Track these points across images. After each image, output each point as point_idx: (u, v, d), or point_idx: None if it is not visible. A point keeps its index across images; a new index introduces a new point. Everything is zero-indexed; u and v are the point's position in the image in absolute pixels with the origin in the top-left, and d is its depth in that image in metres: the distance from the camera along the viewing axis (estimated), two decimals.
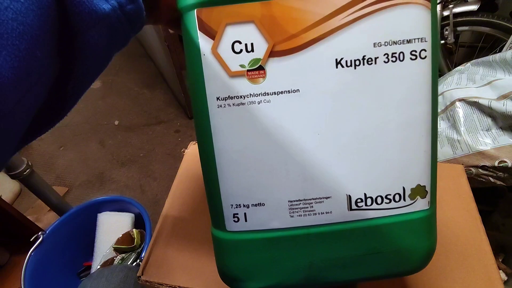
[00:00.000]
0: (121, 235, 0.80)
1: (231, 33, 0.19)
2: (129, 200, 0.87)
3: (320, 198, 0.21)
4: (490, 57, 0.70)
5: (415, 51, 0.19)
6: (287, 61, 0.19)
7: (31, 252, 0.74)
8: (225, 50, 0.19)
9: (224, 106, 0.20)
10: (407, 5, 0.18)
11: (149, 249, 0.34)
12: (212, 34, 0.19)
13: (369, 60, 0.19)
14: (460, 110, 0.69)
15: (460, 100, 0.69)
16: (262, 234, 0.22)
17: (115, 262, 0.76)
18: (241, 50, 0.19)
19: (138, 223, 0.88)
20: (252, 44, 0.19)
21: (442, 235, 0.32)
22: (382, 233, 0.22)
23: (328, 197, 0.21)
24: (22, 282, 0.72)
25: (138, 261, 0.74)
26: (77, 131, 1.49)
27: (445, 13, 0.98)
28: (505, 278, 0.78)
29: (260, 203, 0.21)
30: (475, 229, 0.33)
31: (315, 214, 0.21)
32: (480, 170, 0.64)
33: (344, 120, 0.20)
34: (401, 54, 0.19)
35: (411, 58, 0.19)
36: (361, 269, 0.22)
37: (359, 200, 0.21)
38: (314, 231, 0.21)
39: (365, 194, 0.21)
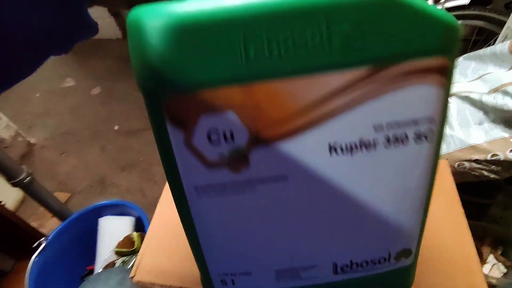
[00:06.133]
0: (121, 239, 0.82)
1: (207, 123, 0.16)
2: (129, 204, 0.88)
3: (306, 267, 0.21)
4: (481, 51, 0.71)
5: (421, 132, 0.16)
6: (273, 148, 0.16)
7: (34, 258, 0.76)
8: (201, 141, 0.16)
9: (204, 196, 0.18)
10: (419, 84, 0.15)
11: (142, 250, 0.35)
12: (184, 124, 0.16)
13: (368, 144, 0.16)
14: (453, 104, 0.69)
15: (452, 94, 0.69)
16: None
17: (116, 265, 0.77)
18: (219, 140, 0.16)
19: (140, 226, 0.90)
20: (231, 133, 0.16)
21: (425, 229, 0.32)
22: (365, 284, 0.23)
23: (314, 266, 0.21)
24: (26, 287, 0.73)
25: None
26: (78, 137, 1.51)
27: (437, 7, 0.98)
28: (505, 270, 0.78)
29: (247, 272, 0.21)
30: (457, 221, 0.33)
31: (301, 279, 0.22)
32: (473, 164, 0.64)
33: (335, 202, 0.18)
34: (405, 136, 0.16)
35: (415, 141, 0.17)
36: None
37: (345, 266, 0.21)
38: None
39: (351, 261, 0.21)
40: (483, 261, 0.78)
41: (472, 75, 0.70)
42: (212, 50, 0.14)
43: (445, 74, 0.15)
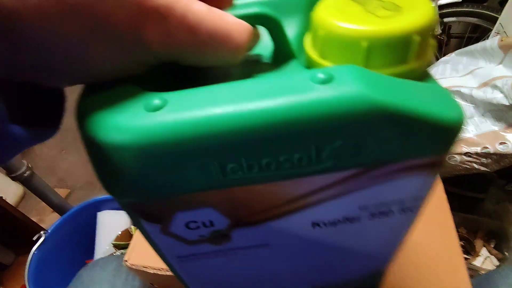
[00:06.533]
0: (120, 232, 0.83)
1: (183, 217, 0.15)
2: None
3: None
4: (472, 47, 0.72)
5: (407, 207, 0.16)
6: (255, 228, 0.16)
7: (34, 251, 0.77)
8: (178, 229, 0.16)
9: (186, 261, 0.19)
10: (410, 176, 0.15)
11: (136, 236, 0.37)
12: (159, 220, 0.15)
13: (352, 219, 0.17)
14: None
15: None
16: None
17: None
18: (198, 227, 0.16)
19: None
20: (211, 221, 0.15)
21: None
22: None
23: None
24: (26, 280, 0.75)
25: None
26: (78, 134, 1.52)
27: None
28: (497, 263, 0.79)
29: None
30: (441, 210, 0.35)
31: None
32: (464, 157, 0.65)
33: (315, 257, 0.20)
34: (390, 211, 0.16)
35: (399, 213, 0.17)
36: None
37: None
38: None
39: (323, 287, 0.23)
40: (476, 254, 0.79)
41: (464, 70, 0.71)
42: (186, 167, 0.12)
43: (438, 165, 0.15)
